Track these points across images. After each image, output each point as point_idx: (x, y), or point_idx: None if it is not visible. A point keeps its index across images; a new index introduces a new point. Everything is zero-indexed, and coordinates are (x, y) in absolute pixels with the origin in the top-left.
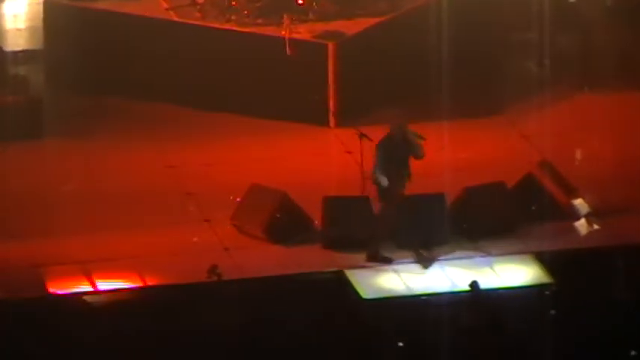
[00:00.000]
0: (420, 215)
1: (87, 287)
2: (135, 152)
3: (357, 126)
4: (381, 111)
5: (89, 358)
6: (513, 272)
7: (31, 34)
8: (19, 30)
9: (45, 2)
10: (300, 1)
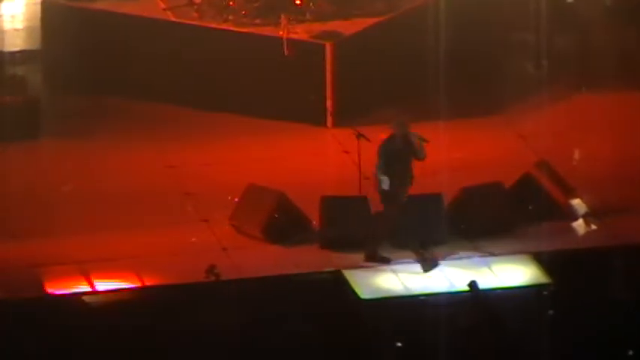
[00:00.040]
0: (417, 215)
1: (86, 287)
2: (133, 152)
3: (355, 126)
4: (382, 112)
5: (89, 357)
6: (511, 272)
7: (28, 35)
8: (16, 30)
9: (42, 2)
10: (298, 2)
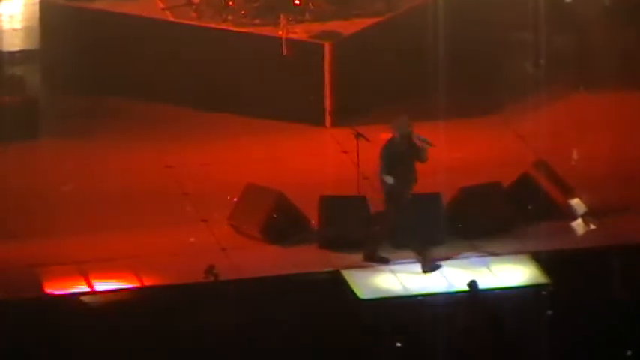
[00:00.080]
0: (416, 215)
1: (85, 287)
2: (132, 152)
3: (354, 126)
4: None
5: (88, 357)
6: (510, 272)
7: (27, 35)
8: (15, 30)
9: (41, 2)
10: (297, 2)
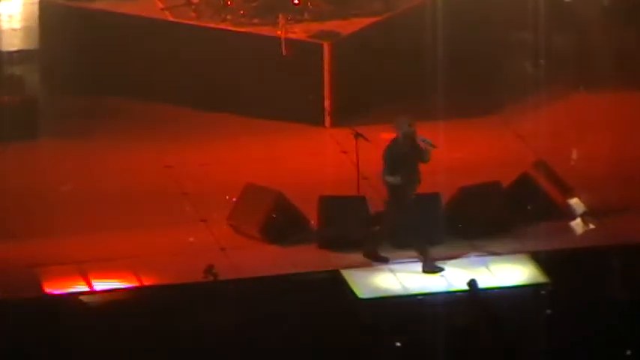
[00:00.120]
0: (415, 215)
1: (85, 287)
2: (131, 152)
3: (353, 126)
4: (380, 112)
5: (88, 357)
6: (509, 272)
7: (26, 34)
8: (14, 30)
9: (40, 2)
10: (296, 1)
